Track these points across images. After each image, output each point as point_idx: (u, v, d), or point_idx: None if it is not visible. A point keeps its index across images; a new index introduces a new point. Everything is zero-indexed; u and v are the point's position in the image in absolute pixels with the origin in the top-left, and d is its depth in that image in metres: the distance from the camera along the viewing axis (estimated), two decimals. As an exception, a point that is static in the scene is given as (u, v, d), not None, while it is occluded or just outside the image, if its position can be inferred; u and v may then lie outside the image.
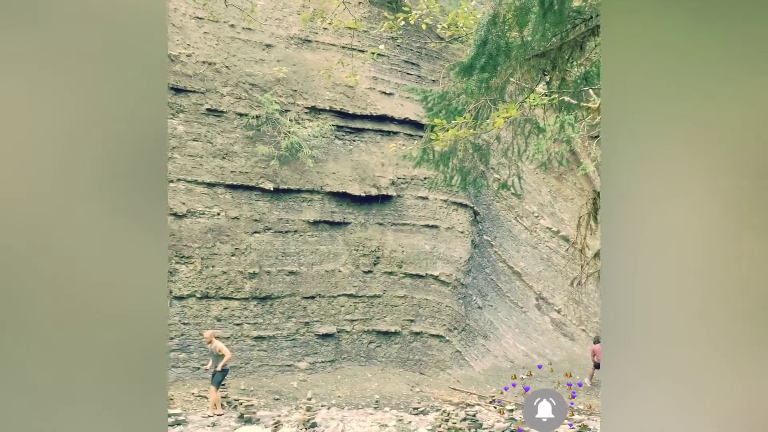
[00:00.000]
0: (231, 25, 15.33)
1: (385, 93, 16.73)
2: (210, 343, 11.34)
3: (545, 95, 9.75)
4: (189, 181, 13.63)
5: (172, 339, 12.78)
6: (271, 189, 14.42)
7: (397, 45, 17.17)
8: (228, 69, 14.84)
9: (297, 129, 14.82)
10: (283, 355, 14.05)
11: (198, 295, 13.26)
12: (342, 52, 16.07)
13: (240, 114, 14.54)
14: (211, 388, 11.28)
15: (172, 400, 11.54)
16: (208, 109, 14.24)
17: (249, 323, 13.76)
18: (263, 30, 15.68)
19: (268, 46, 15.72)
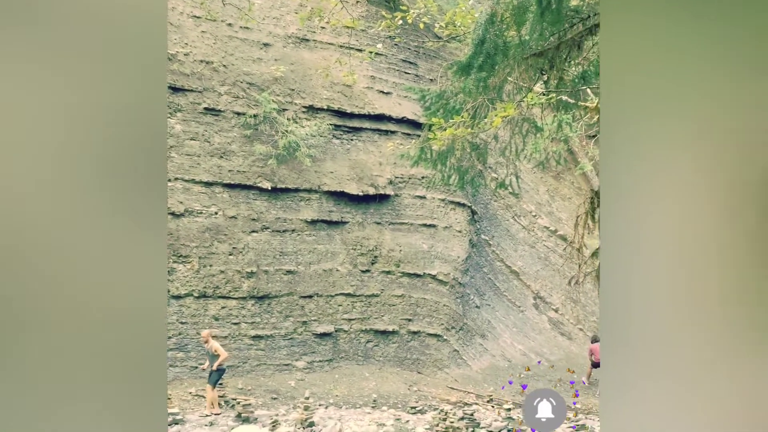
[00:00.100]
0: (228, 24, 15.31)
1: (383, 92, 16.74)
2: (206, 343, 11.37)
3: (543, 94, 9.76)
4: (186, 180, 13.62)
5: (169, 338, 12.78)
6: (269, 188, 14.41)
7: (395, 44, 17.16)
8: (225, 68, 14.83)
9: (295, 128, 14.81)
10: (281, 355, 14.05)
11: (195, 295, 13.26)
12: (340, 51, 16.07)
13: (237, 113, 14.53)
14: (208, 387, 11.30)
15: (169, 399, 11.54)
16: (205, 108, 14.23)
17: (246, 322, 13.76)
18: (261, 29, 15.67)
19: (265, 45, 15.71)
